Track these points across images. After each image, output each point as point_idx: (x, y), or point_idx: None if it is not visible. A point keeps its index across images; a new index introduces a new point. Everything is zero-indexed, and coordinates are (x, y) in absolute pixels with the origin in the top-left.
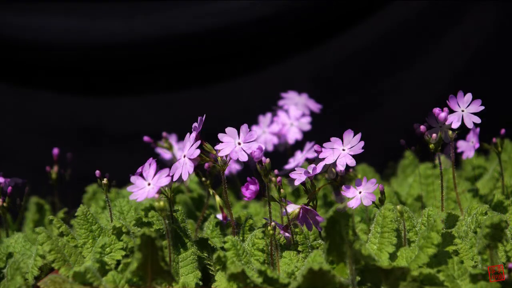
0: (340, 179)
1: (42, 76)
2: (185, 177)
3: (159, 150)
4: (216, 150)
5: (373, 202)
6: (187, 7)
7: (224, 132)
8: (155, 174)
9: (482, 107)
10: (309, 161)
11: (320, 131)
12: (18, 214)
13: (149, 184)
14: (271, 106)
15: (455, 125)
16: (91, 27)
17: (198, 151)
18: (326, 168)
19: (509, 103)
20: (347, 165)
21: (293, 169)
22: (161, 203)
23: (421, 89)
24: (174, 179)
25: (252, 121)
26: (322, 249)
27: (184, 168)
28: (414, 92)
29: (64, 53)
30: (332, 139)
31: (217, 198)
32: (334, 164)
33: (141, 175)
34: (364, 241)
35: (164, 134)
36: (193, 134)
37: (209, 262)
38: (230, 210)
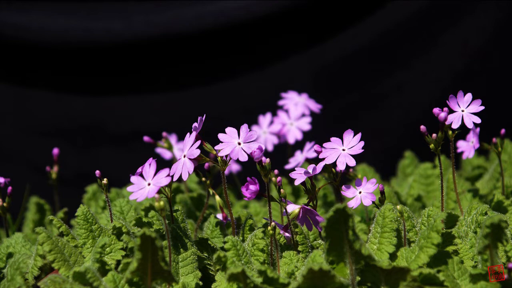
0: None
1: (42, 76)
2: (185, 177)
3: (159, 150)
4: (216, 150)
5: (373, 202)
6: (187, 7)
7: (224, 132)
8: (155, 174)
9: (482, 107)
10: (309, 161)
11: (320, 131)
12: (18, 214)
13: (149, 184)
14: (271, 106)
15: (455, 125)
16: (91, 27)
17: (198, 151)
18: (326, 168)
19: (509, 103)
20: (347, 165)
21: (293, 169)
22: (161, 203)
23: (421, 89)
24: (174, 179)
25: (252, 121)
26: (322, 249)
27: (184, 168)
28: (414, 92)
29: (64, 53)
30: (332, 139)
31: (217, 198)
32: (334, 164)
33: (141, 175)
34: (364, 241)
35: (164, 134)
36: (193, 134)
37: (209, 262)
38: (230, 210)
